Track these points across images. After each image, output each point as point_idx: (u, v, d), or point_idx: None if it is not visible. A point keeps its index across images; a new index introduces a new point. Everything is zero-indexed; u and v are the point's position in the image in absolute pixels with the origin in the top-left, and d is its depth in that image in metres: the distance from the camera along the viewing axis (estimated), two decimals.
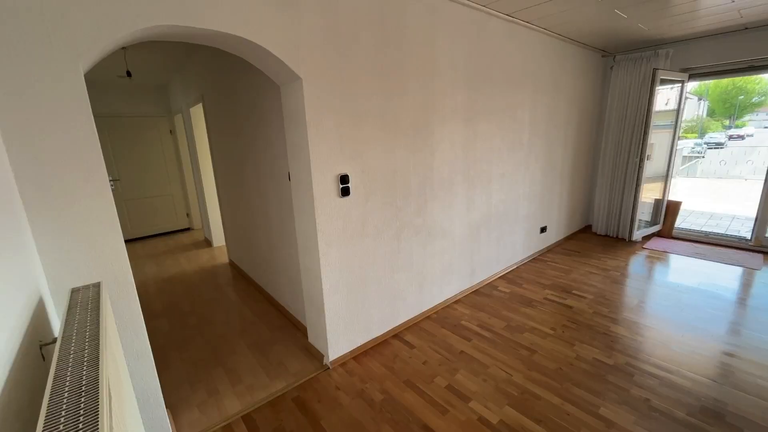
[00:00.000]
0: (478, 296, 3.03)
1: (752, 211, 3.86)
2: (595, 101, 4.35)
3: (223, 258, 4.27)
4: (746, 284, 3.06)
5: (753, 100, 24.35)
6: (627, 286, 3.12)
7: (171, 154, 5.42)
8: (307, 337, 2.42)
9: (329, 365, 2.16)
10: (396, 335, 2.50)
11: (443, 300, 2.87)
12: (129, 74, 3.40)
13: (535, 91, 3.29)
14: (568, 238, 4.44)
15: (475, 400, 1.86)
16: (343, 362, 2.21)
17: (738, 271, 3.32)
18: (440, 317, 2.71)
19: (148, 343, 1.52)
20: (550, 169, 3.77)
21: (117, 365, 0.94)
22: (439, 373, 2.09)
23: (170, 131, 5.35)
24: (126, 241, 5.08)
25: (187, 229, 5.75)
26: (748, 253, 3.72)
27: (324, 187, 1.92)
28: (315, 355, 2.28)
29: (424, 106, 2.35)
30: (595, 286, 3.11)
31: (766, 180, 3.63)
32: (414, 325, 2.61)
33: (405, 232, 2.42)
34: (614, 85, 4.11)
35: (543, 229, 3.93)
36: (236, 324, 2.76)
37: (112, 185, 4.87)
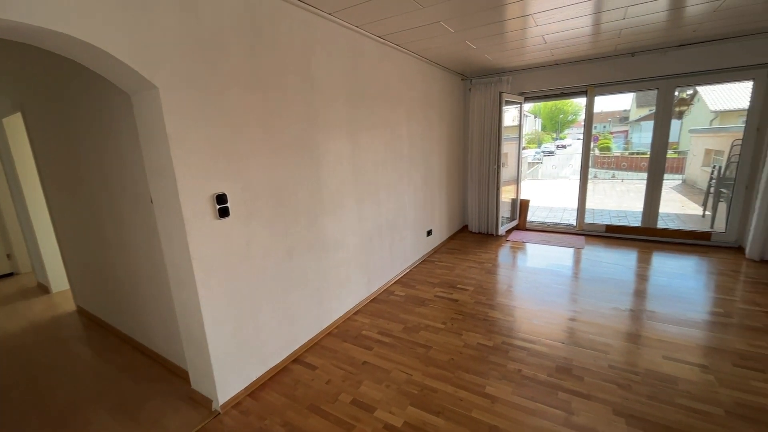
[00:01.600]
0: (377, 303, 3.11)
1: (575, 203, 4.98)
2: (460, 117, 5.01)
3: (68, 305, 3.39)
4: (577, 261, 3.91)
5: (569, 118, 31.86)
6: (498, 274, 3.64)
7: None
8: (189, 384, 2.08)
9: (219, 410, 1.90)
10: (296, 359, 2.36)
11: (343, 313, 2.85)
12: None
13: (411, 108, 3.61)
14: (451, 238, 4.96)
15: (379, 408, 1.88)
16: (236, 403, 1.97)
17: (571, 251, 4.22)
18: (341, 331, 2.68)
19: None
20: (429, 177, 4.17)
21: None
22: (344, 389, 2.05)
23: None
24: None
25: (9, 275, 4.40)
26: (575, 236, 4.76)
27: (196, 208, 1.70)
28: (201, 403, 1.97)
29: (307, 119, 2.32)
30: (474, 279, 3.54)
31: (580, 180, 4.75)
32: (315, 345, 2.52)
33: (297, 249, 2.33)
34: (473, 103, 4.82)
35: (429, 233, 4.29)
36: (90, 386, 2.20)
37: None
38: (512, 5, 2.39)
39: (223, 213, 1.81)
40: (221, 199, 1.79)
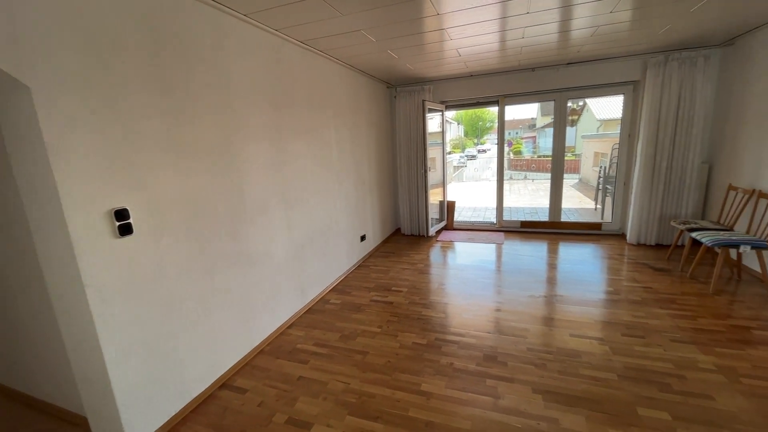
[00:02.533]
0: (312, 314, 3.02)
1: (495, 203, 5.44)
2: (387, 124, 5.15)
3: None
4: (498, 256, 4.26)
5: (487, 125, 34.86)
6: (430, 274, 3.80)
7: None
8: None
9: None
10: (224, 384, 2.18)
11: (276, 328, 2.71)
12: None
13: (337, 115, 3.60)
14: (385, 242, 5.04)
15: (317, 423, 1.82)
16: None
17: (493, 247, 4.59)
18: (274, 347, 2.54)
19: None
20: (360, 183, 4.20)
21: None
22: (278, 409, 1.94)
23: None
24: None
25: None
26: (496, 233, 5.20)
27: (88, 227, 1.47)
28: None
29: (224, 126, 2.17)
30: (408, 280, 3.64)
31: (497, 181, 5.21)
32: (246, 365, 2.35)
33: (218, 265, 2.15)
34: (399, 111, 4.99)
35: (363, 238, 4.31)
36: None
37: None
38: (428, 19, 2.53)
39: (125, 230, 1.59)
40: (121, 214, 1.57)
